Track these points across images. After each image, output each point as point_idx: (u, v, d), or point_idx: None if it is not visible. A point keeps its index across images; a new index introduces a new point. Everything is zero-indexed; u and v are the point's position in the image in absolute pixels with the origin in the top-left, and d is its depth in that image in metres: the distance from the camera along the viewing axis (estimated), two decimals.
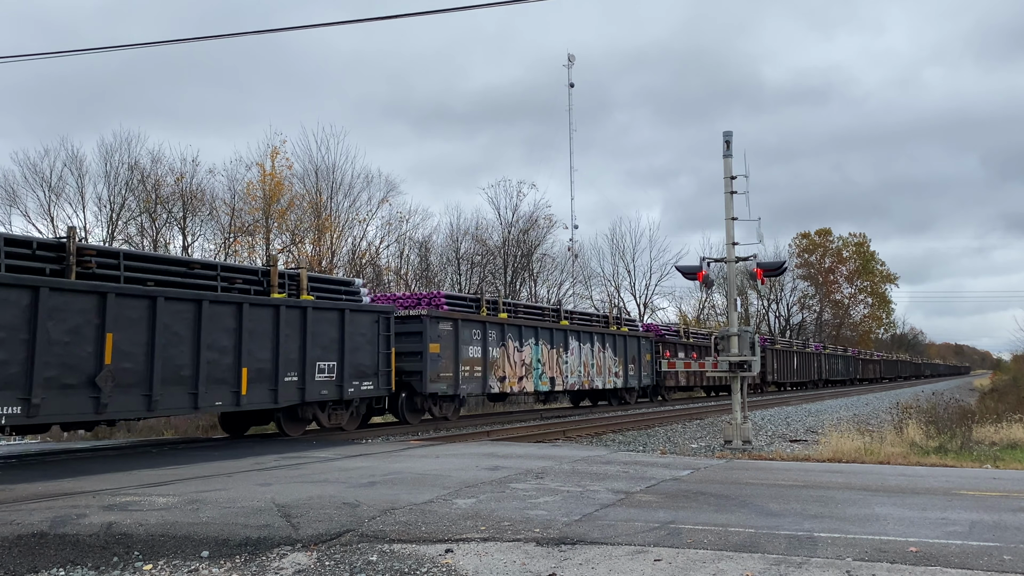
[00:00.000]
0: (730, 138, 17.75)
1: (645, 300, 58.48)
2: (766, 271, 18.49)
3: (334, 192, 38.33)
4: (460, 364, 21.95)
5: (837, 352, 68.24)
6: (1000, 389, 50.71)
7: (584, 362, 28.76)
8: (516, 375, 24.52)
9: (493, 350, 23.44)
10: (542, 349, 26.05)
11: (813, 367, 58.43)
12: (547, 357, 26.39)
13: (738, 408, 17.50)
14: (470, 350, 22.49)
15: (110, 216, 33.66)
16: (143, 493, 9.03)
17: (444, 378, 21.34)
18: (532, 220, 48.58)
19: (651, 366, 34.34)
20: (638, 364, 32.92)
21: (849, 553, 6.30)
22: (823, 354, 62.27)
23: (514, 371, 24.42)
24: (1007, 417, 23.17)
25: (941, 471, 12.09)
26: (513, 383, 24.46)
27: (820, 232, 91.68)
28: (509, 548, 6.58)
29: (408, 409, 20.95)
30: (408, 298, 22.28)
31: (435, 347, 20.97)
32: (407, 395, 20.77)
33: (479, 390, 23.07)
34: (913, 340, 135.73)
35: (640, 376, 33.10)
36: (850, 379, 71.02)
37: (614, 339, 31.08)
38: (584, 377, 28.72)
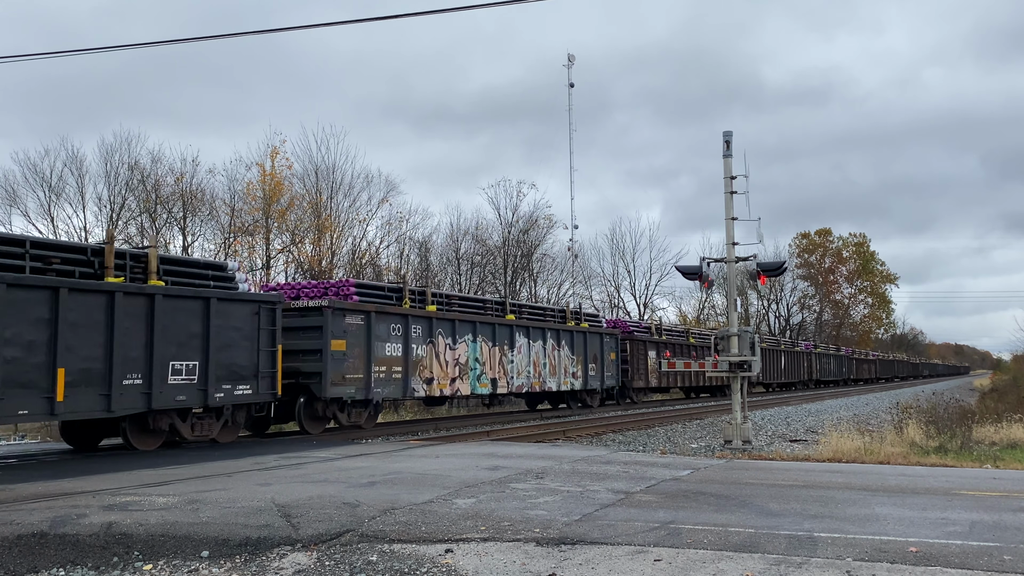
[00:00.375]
0: (730, 138, 17.76)
1: (645, 300, 58.53)
2: (766, 271, 18.50)
3: (334, 192, 38.34)
4: (373, 364, 19.04)
5: (829, 351, 66.16)
6: (1000, 389, 50.74)
7: (535, 361, 25.66)
8: (448, 376, 21.68)
9: (418, 348, 20.57)
10: (481, 347, 23.04)
11: (803, 367, 56.31)
12: (488, 356, 23.36)
13: (738, 408, 17.50)
14: (387, 348, 19.62)
15: (110, 216, 33.67)
16: (143, 493, 9.03)
17: (351, 380, 18.48)
18: (532, 220, 48.61)
19: (616, 366, 31.24)
20: (600, 363, 29.83)
21: (849, 553, 6.30)
22: (814, 353, 60.07)
23: (445, 372, 21.56)
24: (1007, 417, 23.19)
25: (941, 471, 12.09)
26: (444, 385, 21.60)
27: (820, 232, 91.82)
28: (509, 548, 6.58)
29: (307, 416, 18.22)
30: (309, 287, 19.55)
31: (339, 344, 18.13)
32: (306, 400, 18.02)
33: (399, 393, 20.17)
34: (913, 340, 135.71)
35: (603, 376, 30.01)
36: (843, 380, 68.73)
37: (571, 336, 28.03)
38: (534, 378, 25.57)
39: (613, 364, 30.98)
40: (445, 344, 21.69)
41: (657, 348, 35.31)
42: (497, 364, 23.84)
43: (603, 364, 30.06)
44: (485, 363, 23.29)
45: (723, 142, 17.81)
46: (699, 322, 61.04)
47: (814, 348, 61.79)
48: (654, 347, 35.19)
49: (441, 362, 21.58)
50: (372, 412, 19.84)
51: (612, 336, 31.23)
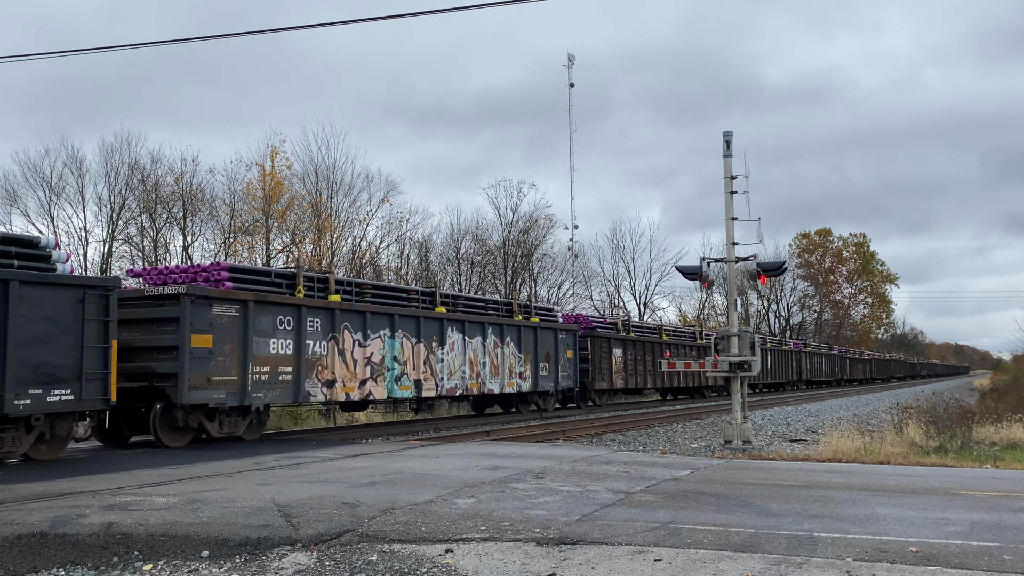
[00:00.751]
0: (730, 138, 17.76)
1: (645, 300, 58.55)
2: (766, 271, 18.51)
3: (334, 192, 38.34)
4: (252, 363, 15.90)
5: (820, 350, 63.35)
6: (1000, 389, 50.75)
7: (471, 360, 22.65)
8: (356, 377, 18.64)
9: (316, 344, 17.54)
10: (402, 343, 20.07)
11: (791, 367, 53.41)
12: (410, 354, 20.33)
13: (738, 408, 17.51)
14: (272, 344, 16.41)
15: (110, 216, 33.68)
16: (143, 493, 9.03)
17: (220, 383, 15.30)
18: (532, 220, 48.61)
19: (573, 365, 28.15)
20: (554, 362, 26.72)
21: (849, 553, 6.30)
22: (803, 352, 57.12)
23: (352, 372, 18.53)
24: (1007, 417, 23.20)
25: (941, 471, 12.09)
26: (350, 388, 18.49)
27: (820, 232, 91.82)
28: (509, 548, 6.58)
29: (165, 426, 15.06)
30: (177, 272, 16.40)
31: (203, 339, 15.08)
32: (163, 407, 14.97)
33: (289, 397, 17.04)
34: (913, 340, 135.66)
35: (557, 377, 26.89)
36: (836, 380, 65.54)
37: (518, 332, 24.91)
38: (471, 379, 22.61)
39: (570, 363, 27.97)
40: (353, 340, 18.59)
41: (624, 346, 32.60)
42: (423, 363, 20.74)
43: (557, 363, 26.91)
44: (407, 362, 20.23)
45: (723, 142, 17.81)
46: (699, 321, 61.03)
47: (804, 347, 58.97)
48: (620, 345, 32.36)
49: (347, 361, 18.38)
50: (255, 420, 16.67)
51: (569, 332, 28.16)
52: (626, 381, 32.81)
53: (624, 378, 32.56)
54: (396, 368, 19.94)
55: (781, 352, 52.27)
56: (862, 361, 77.68)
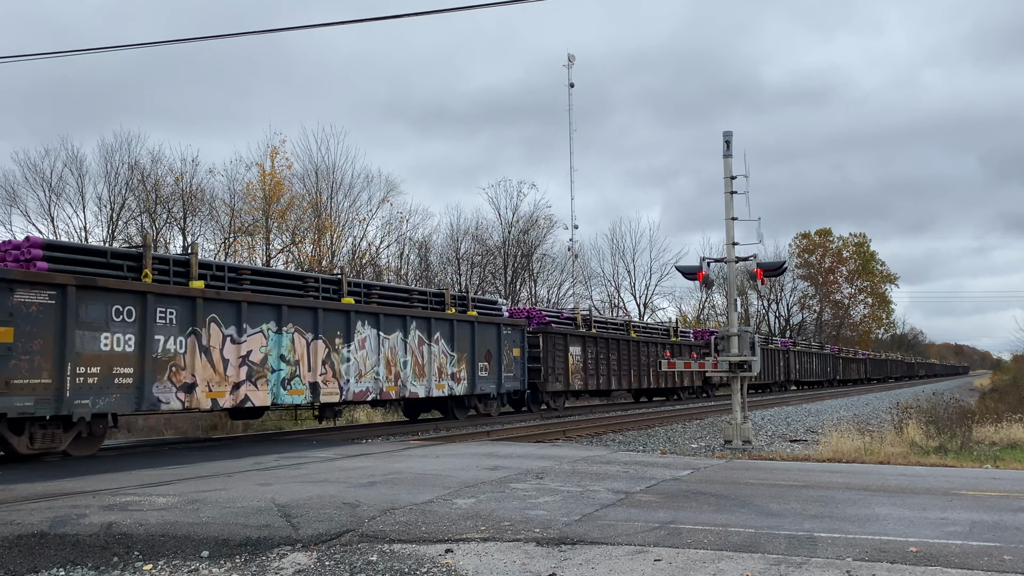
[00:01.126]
0: (730, 138, 17.76)
1: (645, 300, 58.57)
2: (766, 271, 18.50)
3: (334, 192, 38.38)
4: (72, 363, 12.91)
5: (811, 349, 60.46)
6: (1000, 389, 50.77)
7: (388, 359, 19.56)
8: (227, 380, 15.33)
9: (169, 340, 14.41)
10: (294, 339, 16.85)
11: (779, 367, 50.37)
12: (304, 352, 17.14)
13: (738, 408, 17.51)
14: (104, 340, 13.42)
15: (110, 216, 33.71)
16: (143, 493, 9.03)
17: (25, 387, 12.35)
18: (532, 220, 48.67)
19: (520, 364, 24.97)
20: (496, 362, 23.69)
21: (849, 553, 6.30)
22: (792, 351, 54.03)
23: (220, 374, 15.26)
24: (1007, 417, 23.20)
25: (941, 471, 12.09)
26: (219, 393, 15.18)
27: (820, 232, 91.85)
28: (509, 548, 6.58)
29: None
30: None
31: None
32: None
33: (130, 405, 13.82)
34: (913, 340, 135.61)
35: (500, 378, 23.78)
36: (827, 381, 62.67)
37: (450, 327, 21.84)
38: (388, 381, 19.51)
39: (517, 363, 24.88)
40: (223, 336, 15.33)
41: (583, 343, 29.65)
42: (321, 363, 17.55)
43: (500, 363, 23.86)
44: (299, 362, 17.00)
45: (723, 142, 17.80)
46: (699, 322, 61.01)
47: (793, 345, 56.03)
48: (578, 342, 29.37)
49: (214, 361, 15.10)
50: (85, 433, 13.65)
51: (515, 328, 24.95)
52: (586, 382, 29.74)
53: (584, 379, 29.51)
54: (284, 369, 16.61)
55: (767, 351, 48.91)
56: (856, 361, 75.18)
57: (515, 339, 24.97)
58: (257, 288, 16.64)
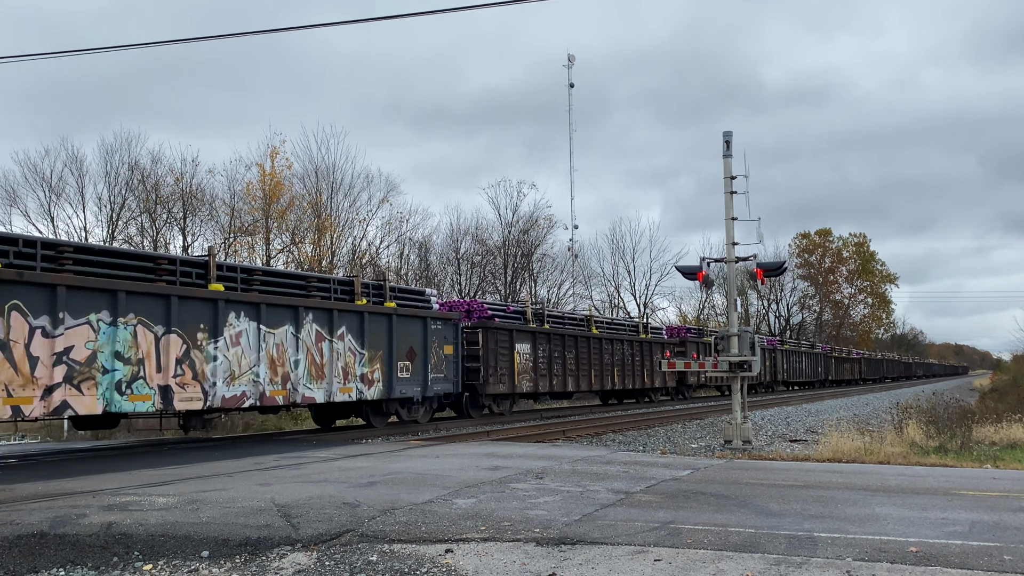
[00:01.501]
0: (730, 138, 17.76)
1: (645, 300, 58.57)
2: (766, 271, 18.50)
3: (334, 192, 38.38)
4: None
5: (800, 348, 57.11)
6: (1000, 389, 50.79)
7: (273, 357, 16.21)
8: (34, 384, 12.35)
9: None
10: (135, 333, 13.80)
11: (765, 367, 46.58)
12: (150, 349, 14.04)
13: (738, 408, 17.51)
14: None
15: (110, 216, 33.71)
16: (143, 493, 9.03)
17: None
18: (532, 220, 48.66)
19: (454, 364, 21.88)
20: (421, 361, 20.51)
21: (849, 553, 6.30)
22: (779, 351, 50.79)
23: (24, 376, 12.30)
24: (1007, 417, 23.22)
25: (941, 471, 12.09)
26: (23, 399, 12.24)
27: (820, 232, 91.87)
28: (509, 548, 6.58)
29: None
30: None
31: None
32: None
33: None
34: (913, 340, 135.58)
35: (427, 380, 20.57)
36: (818, 381, 59.79)
37: (360, 320, 18.60)
38: (273, 384, 16.18)
39: (449, 362, 21.70)
40: (31, 328, 12.41)
41: (534, 340, 26.24)
42: (175, 363, 14.45)
43: (426, 362, 20.64)
44: (144, 360, 13.97)
45: (723, 142, 17.80)
46: (699, 321, 61.02)
47: (780, 344, 53.04)
48: (527, 338, 25.96)
49: (16, 358, 12.21)
50: None
51: (446, 323, 21.72)
52: (536, 383, 26.28)
53: (534, 379, 26.15)
54: (122, 369, 13.56)
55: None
56: (850, 360, 72.23)
57: (447, 335, 21.75)
58: (84, 270, 13.49)
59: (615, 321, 35.02)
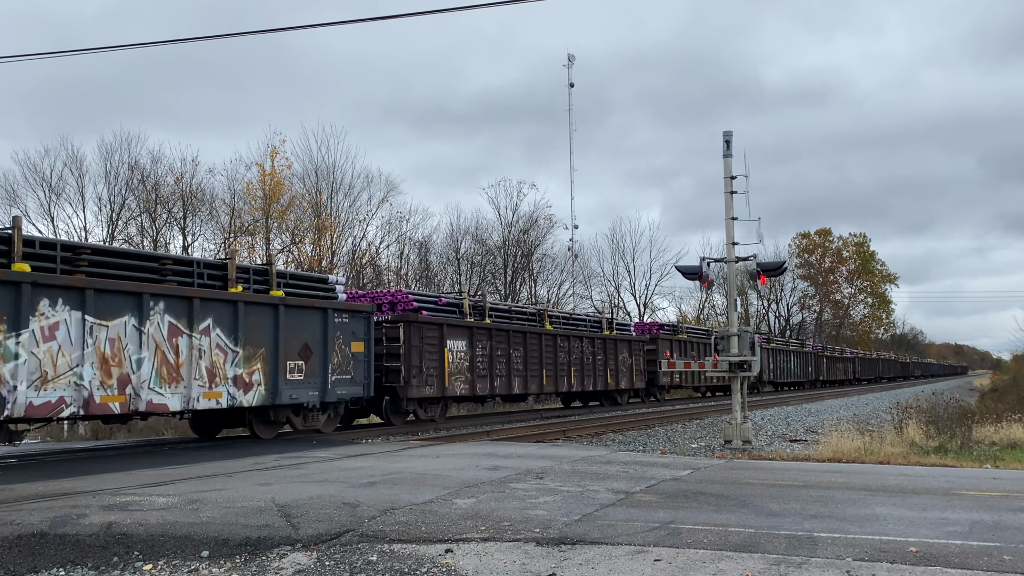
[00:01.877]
0: (730, 138, 17.76)
1: (645, 300, 58.59)
2: (766, 271, 18.50)
3: (334, 192, 38.40)
4: None
5: (789, 347, 54.31)
6: (1000, 389, 50.80)
7: (105, 355, 13.25)
8: None
9: None
10: None
11: None
12: None
13: (738, 408, 17.51)
14: None
15: (110, 216, 33.72)
16: (143, 493, 9.03)
17: None
18: (532, 220, 48.67)
19: (364, 363, 18.73)
20: (320, 360, 17.39)
21: (849, 553, 6.30)
22: (766, 350, 47.48)
23: None
24: (1007, 417, 23.23)
25: (941, 471, 12.10)
26: None
27: (820, 232, 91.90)
28: (509, 548, 6.58)
29: None
30: None
31: None
32: None
33: None
34: (913, 340, 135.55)
35: (327, 382, 17.47)
36: (809, 382, 57.23)
37: (234, 310, 15.43)
38: (106, 388, 13.16)
39: (358, 361, 18.53)
40: None
41: (471, 336, 23.10)
42: None
43: (325, 361, 17.47)
44: None
45: (723, 142, 17.81)
46: (699, 321, 61.03)
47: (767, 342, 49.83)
48: (463, 334, 22.83)
49: None
50: None
51: (354, 315, 18.50)
52: (473, 385, 23.05)
53: (470, 381, 22.98)
54: None
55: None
56: (843, 360, 69.60)
57: (356, 330, 18.51)
58: None
59: (574, 316, 31.62)
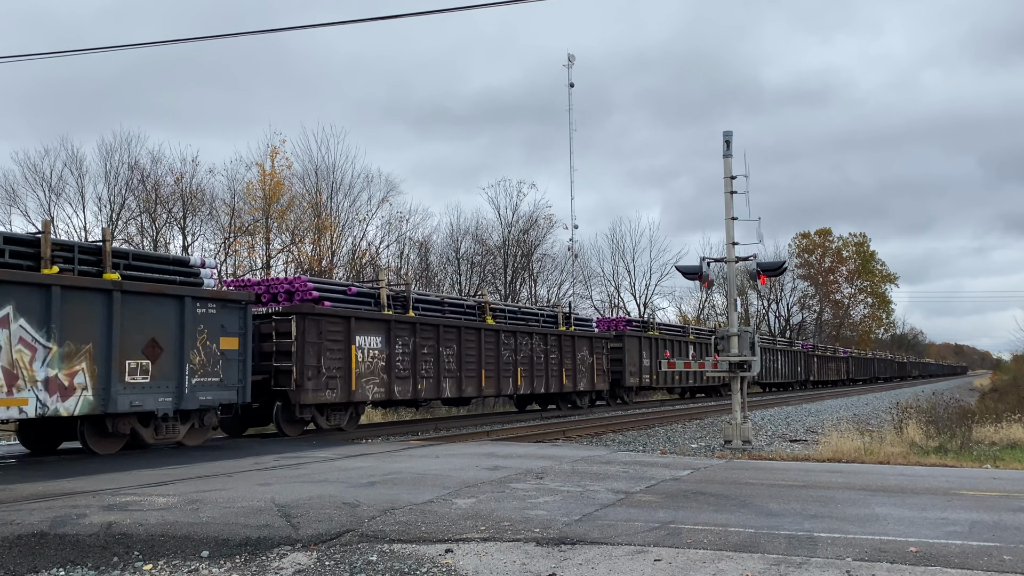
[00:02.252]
0: (730, 138, 17.77)
1: (645, 300, 58.58)
2: (766, 271, 18.51)
3: (334, 192, 38.39)
4: None
5: (776, 346, 52.38)
6: (1000, 389, 50.79)
7: None
8: None
9: None
10: None
11: None
12: None
13: (738, 408, 17.51)
14: None
15: (110, 216, 33.69)
16: (143, 493, 9.03)
17: None
18: (532, 220, 48.65)
19: (237, 363, 15.56)
20: (175, 360, 14.48)
21: (849, 553, 6.30)
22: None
23: None
24: (1007, 417, 23.23)
25: (941, 471, 12.09)
26: None
27: (820, 232, 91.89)
28: (509, 548, 6.58)
29: None
30: None
31: None
32: None
33: None
34: (913, 340, 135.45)
35: (183, 387, 14.52)
36: (798, 383, 55.10)
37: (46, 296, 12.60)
38: None
39: (230, 360, 15.40)
40: None
41: (388, 331, 19.87)
42: None
43: (182, 361, 14.54)
44: None
45: (723, 142, 17.81)
46: (699, 321, 61.01)
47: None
48: (377, 329, 19.66)
49: None
50: None
51: (225, 305, 15.36)
52: (391, 388, 19.88)
53: (386, 383, 19.77)
54: None
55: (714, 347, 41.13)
56: (835, 360, 67.23)
57: (227, 323, 15.38)
58: None
59: (523, 310, 27.88)
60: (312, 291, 18.29)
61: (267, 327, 17.62)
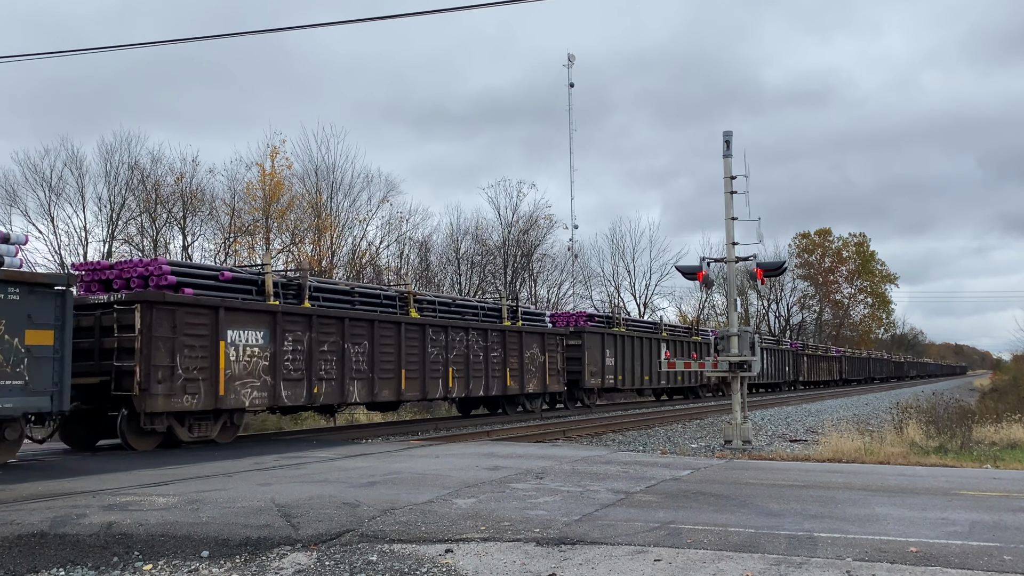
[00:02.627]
0: (730, 138, 17.76)
1: (645, 300, 58.57)
2: (766, 271, 18.51)
3: (334, 192, 38.37)
4: None
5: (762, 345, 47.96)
6: (1000, 389, 50.77)
7: None
8: None
9: None
10: None
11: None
12: None
13: (738, 408, 17.51)
14: None
15: (110, 216, 33.66)
16: (143, 493, 9.03)
17: None
18: (532, 220, 48.63)
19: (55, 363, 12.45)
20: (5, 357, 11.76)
21: (849, 553, 6.30)
22: None
23: None
24: (1007, 417, 23.21)
25: (941, 471, 12.09)
26: None
27: (820, 232, 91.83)
28: (509, 548, 6.58)
29: None
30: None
31: None
32: None
33: None
34: (913, 340, 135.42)
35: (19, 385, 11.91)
36: (786, 383, 52.25)
37: None
38: None
39: (38, 359, 12.25)
40: None
41: (275, 325, 16.77)
42: None
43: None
44: None
45: (723, 142, 17.81)
46: (699, 321, 61.00)
47: None
48: (263, 323, 16.63)
49: None
50: None
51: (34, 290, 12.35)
52: (276, 393, 16.71)
53: (271, 387, 16.61)
54: None
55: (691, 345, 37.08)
56: (827, 359, 64.24)
57: (36, 313, 12.34)
58: None
59: (458, 302, 24.14)
60: (168, 275, 15.27)
61: (108, 319, 14.77)
